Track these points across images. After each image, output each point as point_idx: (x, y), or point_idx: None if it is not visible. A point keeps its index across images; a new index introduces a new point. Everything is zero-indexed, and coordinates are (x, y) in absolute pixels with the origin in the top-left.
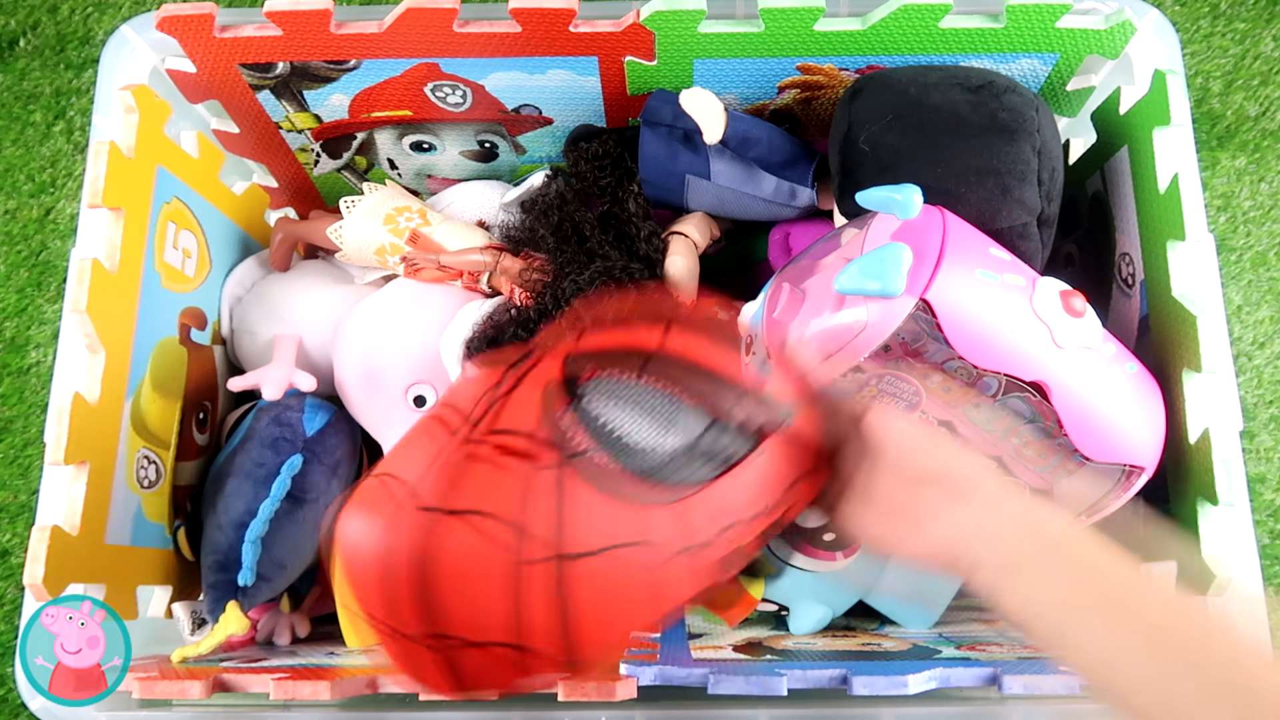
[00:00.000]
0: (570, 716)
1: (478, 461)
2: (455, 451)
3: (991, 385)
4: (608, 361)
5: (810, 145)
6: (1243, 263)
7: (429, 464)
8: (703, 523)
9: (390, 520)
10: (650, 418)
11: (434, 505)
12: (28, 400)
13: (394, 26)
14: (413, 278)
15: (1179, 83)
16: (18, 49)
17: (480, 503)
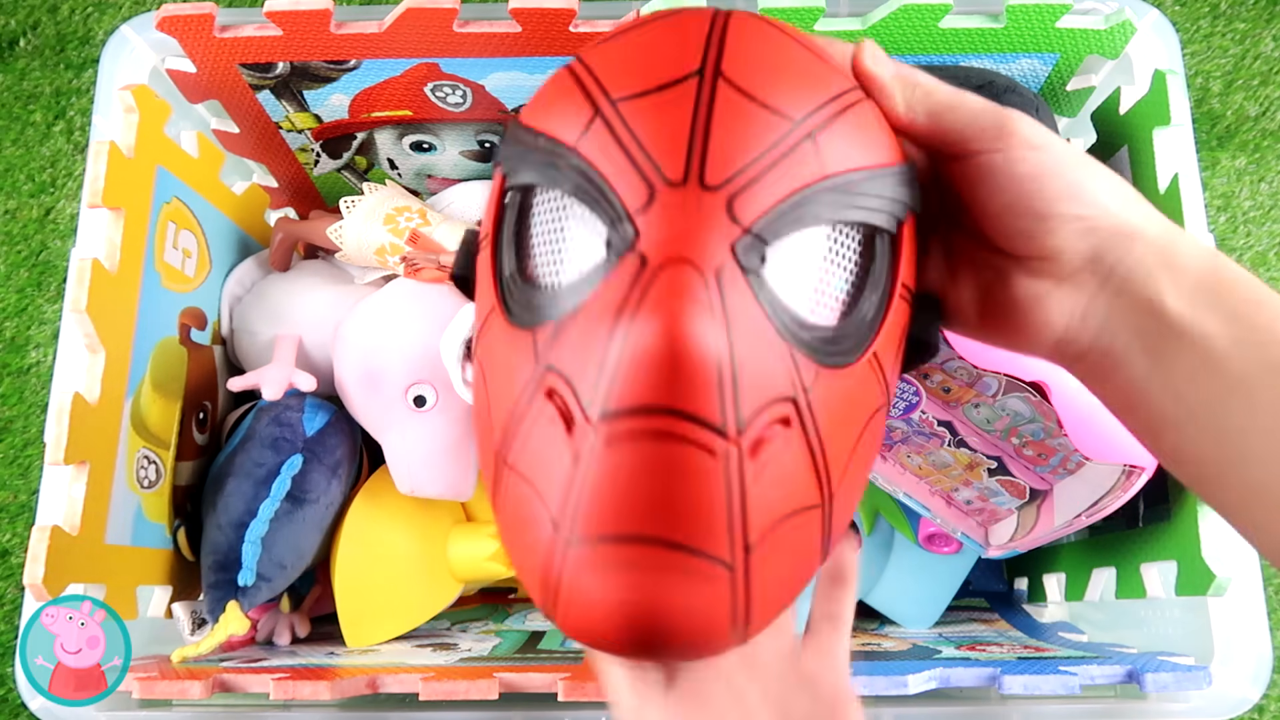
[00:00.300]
0: (570, 716)
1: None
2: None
3: (991, 385)
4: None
5: None
6: (1243, 263)
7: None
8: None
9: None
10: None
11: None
12: (28, 400)
13: (394, 26)
14: (413, 278)
15: (1179, 83)
16: (18, 49)
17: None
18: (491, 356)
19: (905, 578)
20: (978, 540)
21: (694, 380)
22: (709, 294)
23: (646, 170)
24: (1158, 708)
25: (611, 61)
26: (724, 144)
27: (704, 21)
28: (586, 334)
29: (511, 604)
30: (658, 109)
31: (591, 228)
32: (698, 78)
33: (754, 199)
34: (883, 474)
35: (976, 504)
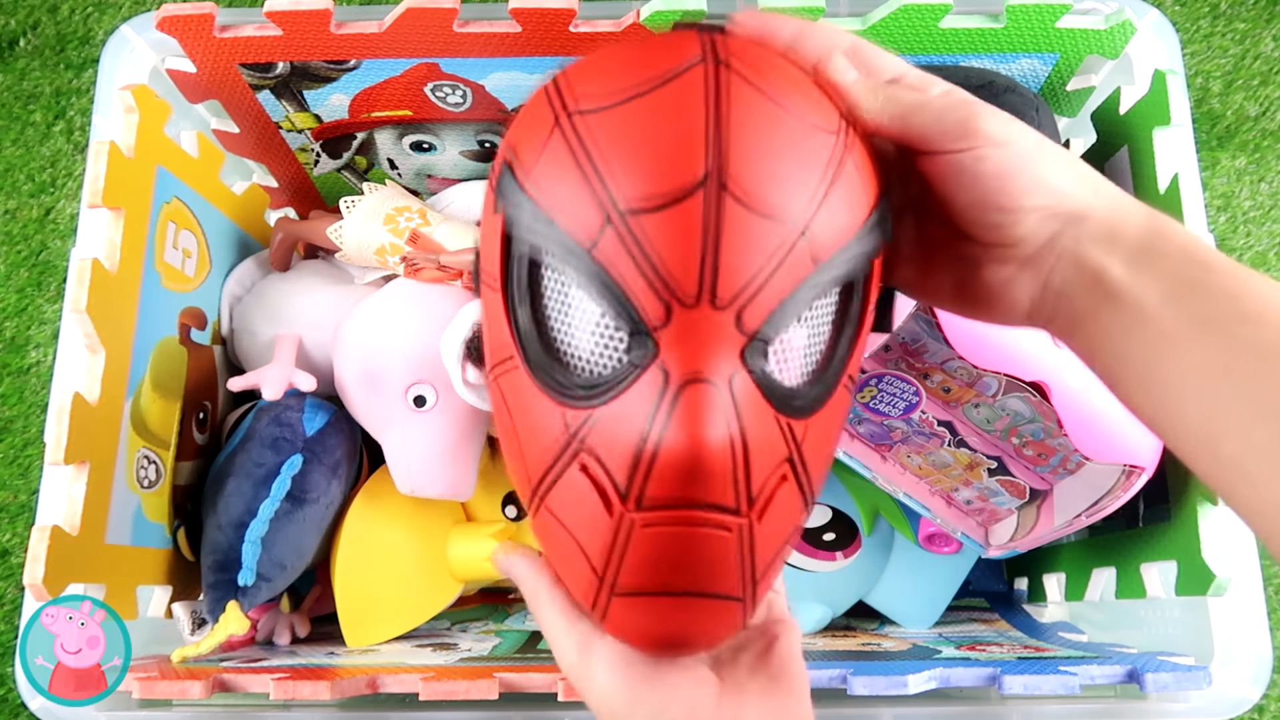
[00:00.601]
0: (570, 716)
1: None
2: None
3: (991, 385)
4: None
5: None
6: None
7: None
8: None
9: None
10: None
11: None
12: (28, 400)
13: (394, 26)
14: (413, 278)
15: (1179, 83)
16: (18, 49)
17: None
18: (517, 399)
19: (905, 578)
20: (978, 540)
21: (713, 479)
22: (724, 404)
23: (661, 290)
24: (1158, 708)
25: (614, 151)
26: (732, 263)
27: (699, 96)
28: (616, 432)
29: (511, 604)
30: (668, 229)
31: (612, 326)
32: (703, 191)
33: (758, 307)
34: (883, 474)
35: (976, 504)
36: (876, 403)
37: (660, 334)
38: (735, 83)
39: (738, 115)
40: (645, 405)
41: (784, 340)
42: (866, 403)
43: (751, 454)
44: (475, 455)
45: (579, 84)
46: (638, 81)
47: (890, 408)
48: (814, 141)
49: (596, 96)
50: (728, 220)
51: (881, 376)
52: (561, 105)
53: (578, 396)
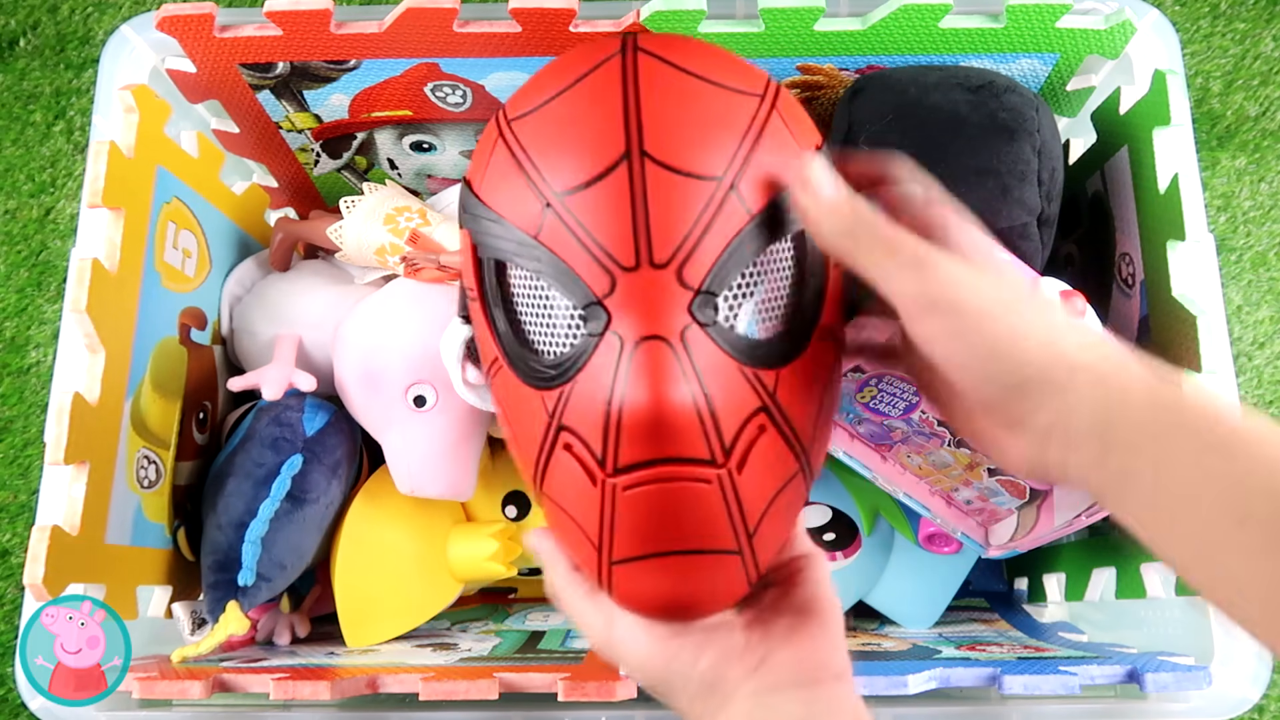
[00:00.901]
0: (570, 716)
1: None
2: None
3: None
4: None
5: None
6: (1243, 263)
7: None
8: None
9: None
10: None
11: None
12: (28, 400)
13: (394, 26)
14: (413, 278)
15: (1179, 83)
16: (18, 49)
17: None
18: (507, 400)
19: (905, 578)
20: (978, 540)
21: (679, 433)
22: (678, 358)
23: (603, 260)
24: (1158, 708)
25: (545, 144)
26: (663, 224)
27: (616, 82)
28: (587, 404)
29: (511, 604)
30: (599, 202)
31: (569, 304)
32: (626, 163)
33: (698, 262)
34: (883, 474)
35: (976, 504)
36: (876, 403)
37: (609, 301)
38: (649, 63)
39: (652, 89)
40: (607, 371)
41: (736, 291)
42: (866, 403)
43: (716, 404)
44: (475, 455)
45: (516, 97)
46: (560, 82)
47: (890, 408)
48: (733, 104)
49: (528, 102)
50: (653, 184)
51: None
52: (503, 116)
53: (551, 378)
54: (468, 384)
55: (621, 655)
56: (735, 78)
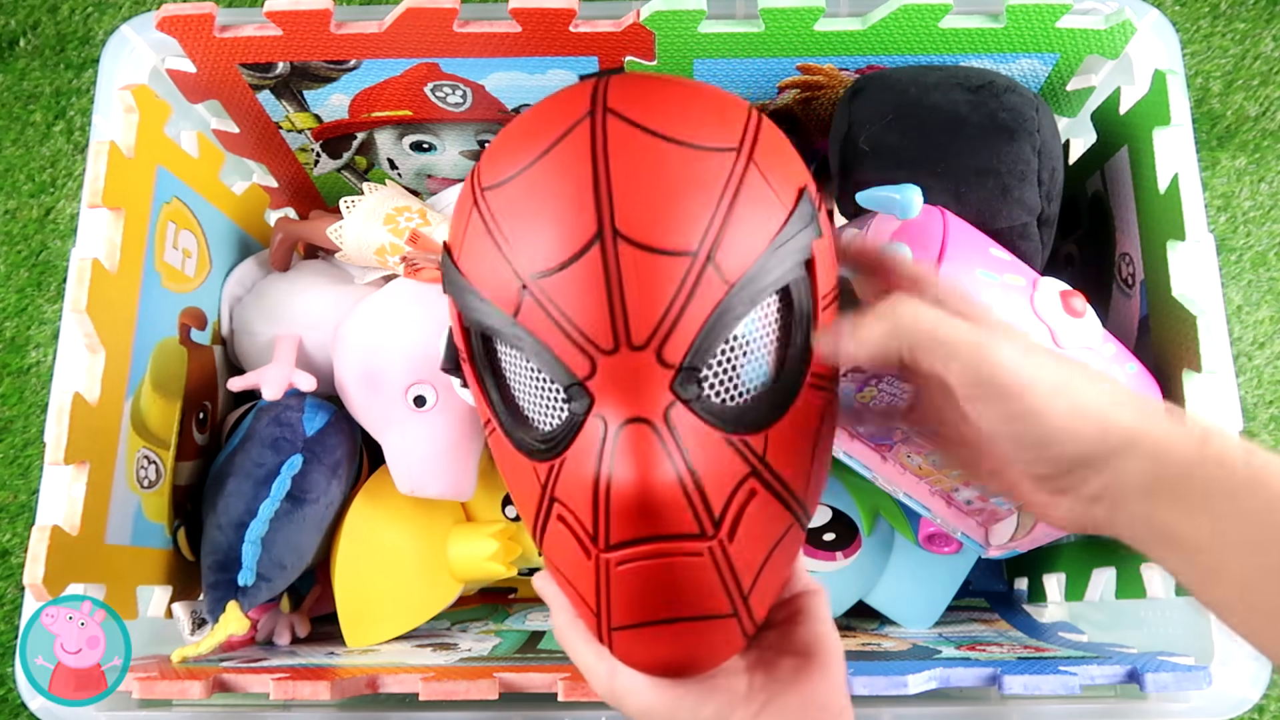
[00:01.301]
0: (570, 716)
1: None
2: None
3: None
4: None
5: (810, 145)
6: (1243, 263)
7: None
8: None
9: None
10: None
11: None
12: (28, 400)
13: (394, 26)
14: (413, 278)
15: (1179, 83)
16: (18, 49)
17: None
18: (503, 460)
19: (905, 578)
20: (978, 540)
21: (666, 512)
22: (661, 439)
23: (582, 343)
24: (1158, 708)
25: (517, 220)
26: (639, 305)
27: (585, 153)
28: (576, 482)
29: (511, 604)
30: (574, 286)
31: (551, 383)
32: (599, 244)
33: (677, 340)
34: (883, 474)
35: (976, 504)
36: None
37: (591, 384)
38: (618, 129)
39: (622, 162)
40: (592, 452)
41: (719, 363)
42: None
43: (703, 479)
44: (475, 455)
45: (489, 161)
46: (531, 149)
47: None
48: (707, 166)
49: (500, 170)
50: (627, 265)
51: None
52: (477, 183)
53: (541, 452)
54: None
55: (624, 704)
56: (710, 132)
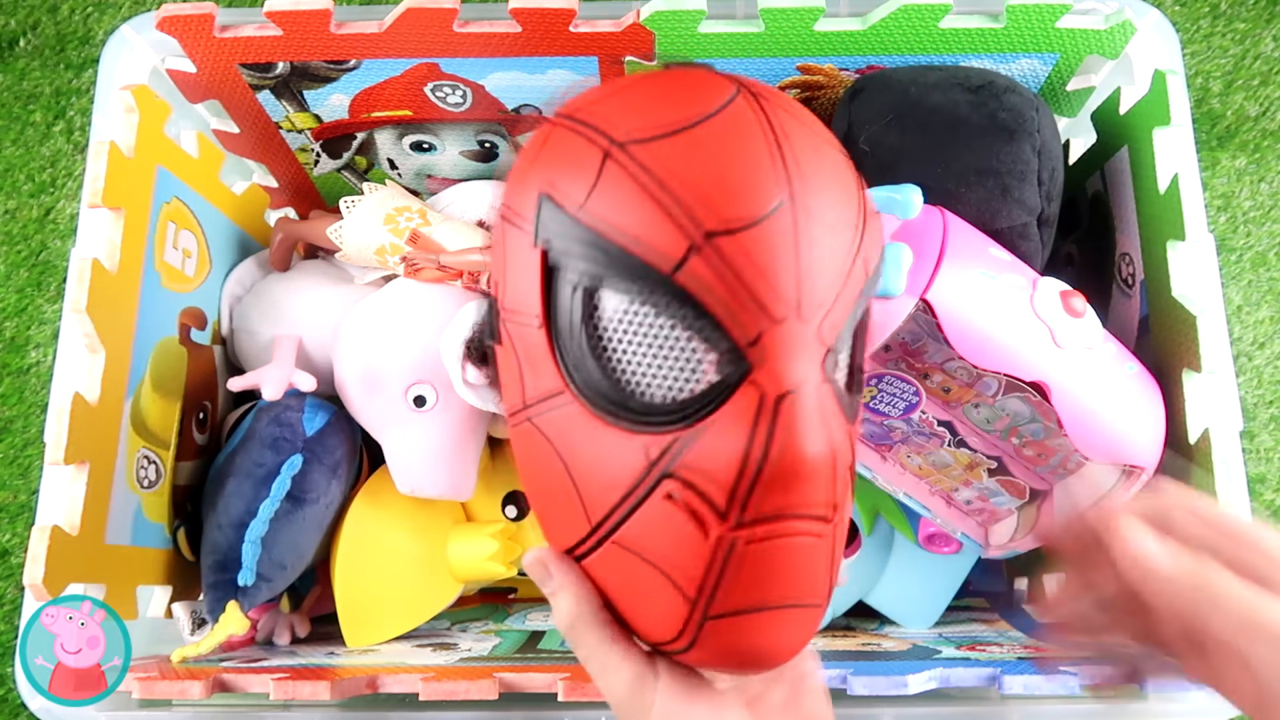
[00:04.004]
0: (570, 716)
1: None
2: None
3: (991, 385)
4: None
5: None
6: (1243, 263)
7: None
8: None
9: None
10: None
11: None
12: (28, 400)
13: (394, 26)
14: (413, 278)
15: (1179, 83)
16: (18, 49)
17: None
18: (568, 438)
19: (905, 578)
20: (978, 540)
21: (817, 489)
22: (819, 413)
23: (753, 308)
24: (1158, 708)
25: (693, 177)
26: (814, 279)
27: (758, 123)
28: (714, 453)
29: (511, 604)
30: (757, 249)
31: (698, 352)
32: (789, 209)
33: (833, 322)
34: (883, 474)
35: (976, 504)
36: (876, 403)
37: (752, 351)
38: (778, 113)
39: (793, 141)
40: (743, 422)
41: (844, 348)
42: (866, 403)
43: (838, 461)
44: (475, 455)
45: (613, 118)
46: (686, 113)
47: (890, 408)
48: (844, 160)
49: (645, 128)
50: (806, 238)
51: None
52: (605, 138)
53: (659, 423)
54: (468, 384)
55: (646, 714)
56: (828, 132)
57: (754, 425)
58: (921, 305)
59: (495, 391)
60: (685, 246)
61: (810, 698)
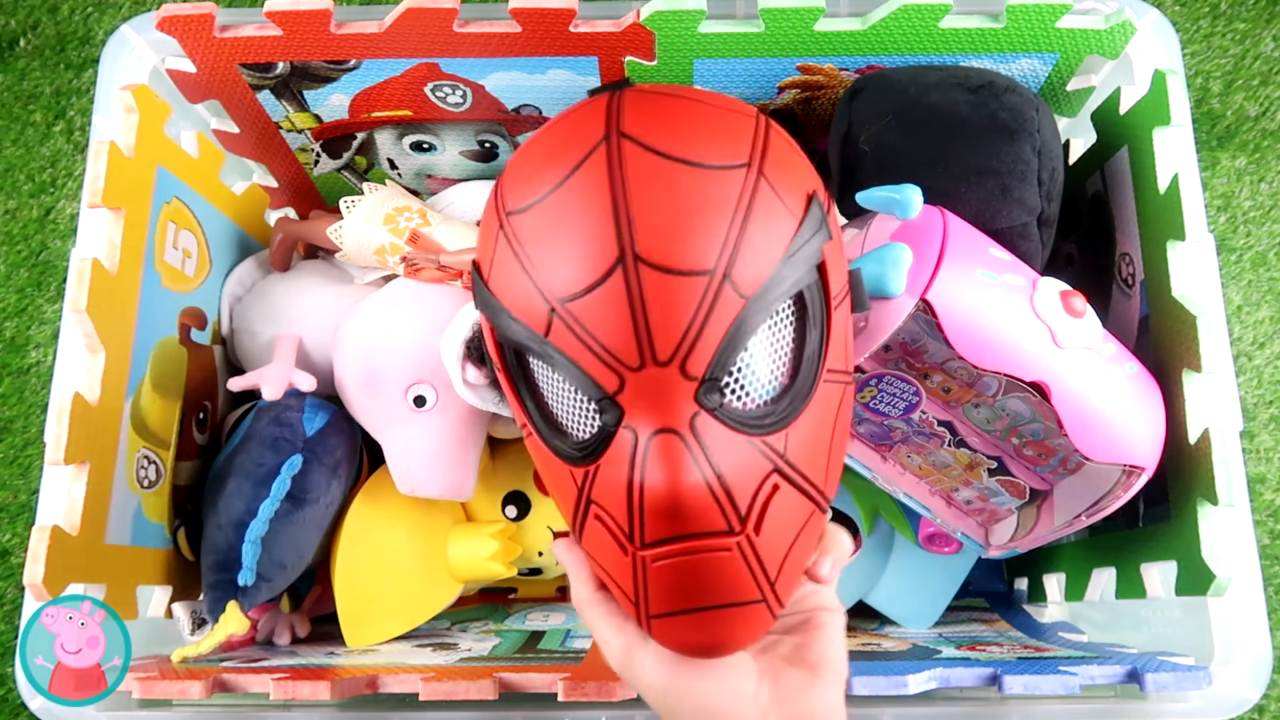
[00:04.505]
0: (570, 716)
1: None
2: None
3: (991, 385)
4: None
5: (810, 145)
6: (1243, 263)
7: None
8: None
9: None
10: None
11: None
12: (28, 400)
13: (394, 26)
14: (413, 278)
15: (1179, 83)
16: (18, 49)
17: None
18: (540, 460)
19: (905, 578)
20: (978, 540)
21: (696, 514)
22: (688, 447)
23: (610, 362)
24: (1158, 708)
25: (542, 246)
26: (662, 325)
27: (604, 179)
28: (610, 487)
29: (511, 604)
30: (599, 308)
31: (583, 400)
32: (621, 269)
33: (699, 354)
34: (883, 474)
35: (976, 504)
36: (876, 403)
37: (621, 398)
38: (633, 154)
39: (639, 187)
40: (624, 461)
41: (739, 371)
42: (866, 403)
43: (729, 481)
44: (475, 455)
45: (510, 184)
46: (551, 175)
47: (890, 408)
48: (720, 186)
49: (522, 195)
50: (648, 288)
51: (881, 376)
52: (501, 207)
53: (577, 459)
54: (468, 384)
55: (638, 681)
56: (719, 150)
57: (631, 463)
58: (921, 305)
59: (495, 391)
60: (547, 311)
61: (820, 645)
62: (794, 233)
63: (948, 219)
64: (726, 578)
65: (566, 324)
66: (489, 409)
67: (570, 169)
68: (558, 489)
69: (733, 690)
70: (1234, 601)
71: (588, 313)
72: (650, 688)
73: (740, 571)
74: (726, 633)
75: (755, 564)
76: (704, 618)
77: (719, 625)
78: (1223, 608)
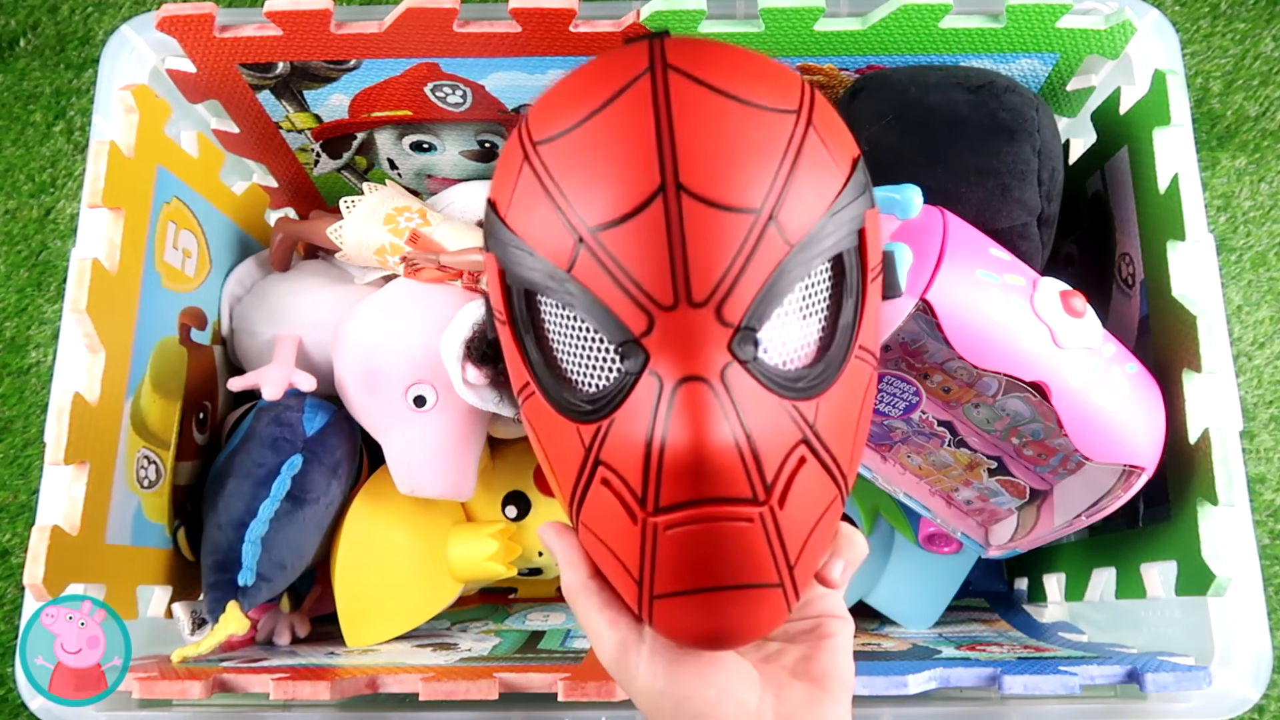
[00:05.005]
0: (570, 716)
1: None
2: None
3: (991, 385)
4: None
5: None
6: (1243, 263)
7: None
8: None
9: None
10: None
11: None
12: (28, 400)
13: (394, 26)
14: (413, 278)
15: (1179, 83)
16: (18, 49)
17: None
18: (541, 426)
19: (905, 578)
20: (978, 540)
21: (721, 474)
22: (718, 399)
23: (640, 299)
24: (1158, 708)
25: (575, 174)
26: (701, 262)
27: (647, 107)
28: (625, 442)
29: (511, 604)
30: (634, 239)
31: (604, 340)
32: (662, 197)
33: (737, 299)
34: (883, 474)
35: (976, 504)
36: (876, 403)
37: (647, 341)
38: (680, 84)
39: (685, 115)
40: (645, 412)
41: (775, 325)
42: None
43: (758, 442)
44: (475, 455)
45: (539, 116)
46: (590, 103)
47: (890, 408)
48: (769, 126)
49: (554, 124)
50: (690, 220)
51: (881, 376)
52: (528, 138)
53: (587, 412)
54: (468, 384)
55: (631, 681)
56: (770, 93)
57: (654, 414)
58: (921, 305)
59: (495, 391)
60: (574, 242)
61: (828, 657)
62: (839, 190)
63: (948, 219)
64: (745, 553)
65: (595, 255)
66: (489, 409)
67: (610, 96)
68: (559, 455)
69: (733, 701)
70: (1234, 601)
71: (620, 243)
72: (644, 690)
73: (760, 548)
74: (738, 619)
75: (776, 542)
76: (715, 599)
77: (731, 609)
78: (1223, 608)
